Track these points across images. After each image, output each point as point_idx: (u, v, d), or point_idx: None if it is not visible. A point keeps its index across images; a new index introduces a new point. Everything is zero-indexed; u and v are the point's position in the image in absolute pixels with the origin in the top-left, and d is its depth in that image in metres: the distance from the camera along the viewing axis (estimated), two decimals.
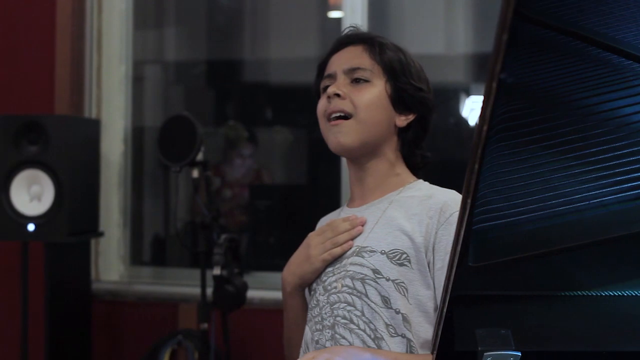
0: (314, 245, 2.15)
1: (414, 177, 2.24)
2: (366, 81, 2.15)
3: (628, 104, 1.32)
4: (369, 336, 1.99)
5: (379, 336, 1.98)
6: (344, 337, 2.02)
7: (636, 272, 1.39)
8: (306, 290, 2.22)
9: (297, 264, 2.19)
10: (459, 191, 2.04)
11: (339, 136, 2.13)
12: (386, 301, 2.00)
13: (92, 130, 4.30)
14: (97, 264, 4.61)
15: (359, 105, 2.13)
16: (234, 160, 4.93)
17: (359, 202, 2.21)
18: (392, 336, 1.98)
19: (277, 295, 2.40)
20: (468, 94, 4.69)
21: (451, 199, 2.06)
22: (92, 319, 4.43)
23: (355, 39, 2.21)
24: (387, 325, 1.99)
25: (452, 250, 1.21)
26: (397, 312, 1.99)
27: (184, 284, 4.44)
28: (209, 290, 3.53)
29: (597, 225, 1.36)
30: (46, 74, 4.49)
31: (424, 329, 1.99)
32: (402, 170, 2.23)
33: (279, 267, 2.23)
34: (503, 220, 1.31)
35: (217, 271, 3.37)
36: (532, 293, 1.37)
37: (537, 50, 1.23)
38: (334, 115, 2.13)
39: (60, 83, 4.49)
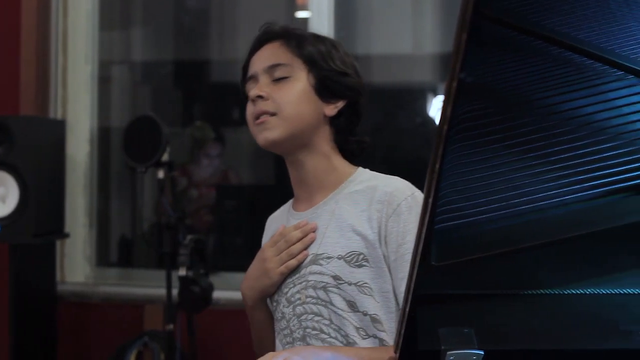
0: (270, 258, 2.11)
1: (352, 167, 2.18)
2: (287, 77, 2.11)
3: (589, 103, 1.32)
4: (341, 342, 1.98)
5: (351, 341, 1.97)
6: (295, 347, 2.01)
7: (597, 270, 1.39)
8: (269, 299, 2.20)
9: (255, 278, 2.15)
10: (419, 184, 2.02)
11: (265, 132, 2.08)
12: (352, 305, 1.99)
13: (57, 130, 4.28)
14: (62, 265, 4.59)
15: (281, 102, 2.08)
16: (201, 160, 4.92)
17: (306, 204, 2.16)
18: (363, 339, 1.97)
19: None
20: (435, 93, 4.71)
21: (396, 189, 2.03)
22: (57, 321, 4.40)
23: (271, 35, 2.16)
24: (357, 328, 1.98)
25: (414, 249, 1.21)
26: (365, 314, 1.98)
27: (150, 285, 4.42)
28: (175, 291, 3.52)
29: (559, 224, 1.36)
30: (11, 75, 4.47)
31: (395, 322, 1.98)
32: (340, 162, 2.17)
33: (246, 268, 2.21)
34: (465, 220, 1.31)
35: (182, 272, 3.36)
36: (495, 292, 1.37)
37: (499, 49, 1.23)
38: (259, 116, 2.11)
39: (26, 83, 4.46)
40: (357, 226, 2.02)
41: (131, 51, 5.29)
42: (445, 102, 1.04)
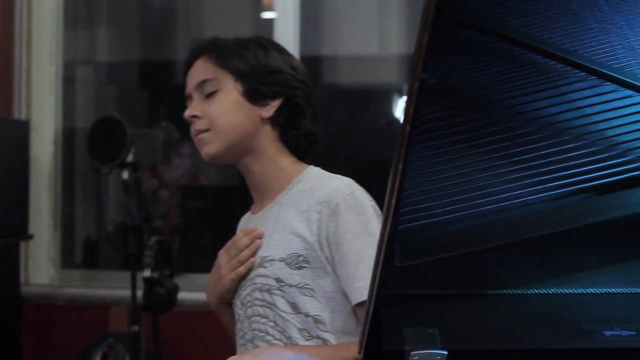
0: (223, 265, 2.12)
1: (302, 166, 2.16)
2: (216, 91, 2.09)
3: (552, 104, 1.33)
4: (285, 344, 1.99)
5: (294, 343, 1.97)
6: (258, 347, 2.02)
7: (560, 270, 1.40)
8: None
9: (213, 284, 2.17)
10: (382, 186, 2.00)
11: (204, 148, 2.10)
12: (294, 307, 1.99)
13: (21, 131, 4.25)
14: (26, 266, 4.56)
15: (212, 117, 2.08)
16: (173, 160, 4.90)
17: (259, 207, 2.17)
18: (307, 340, 1.98)
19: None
20: (401, 94, 4.72)
21: (335, 188, 2.01)
22: (21, 323, 4.37)
23: (196, 52, 2.15)
24: (300, 330, 1.98)
25: (377, 250, 1.21)
26: (307, 316, 1.98)
27: (115, 287, 4.40)
28: (140, 293, 3.51)
29: (522, 224, 1.37)
30: None
31: (342, 322, 1.99)
32: (287, 162, 2.15)
33: (211, 269, 2.21)
34: (430, 220, 1.32)
35: (147, 273, 3.35)
36: (459, 292, 1.38)
37: (461, 50, 1.23)
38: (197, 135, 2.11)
39: None
40: (298, 228, 2.02)
41: (96, 51, 5.26)
42: (407, 103, 1.05)
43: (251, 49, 2.12)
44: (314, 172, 2.14)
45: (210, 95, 2.09)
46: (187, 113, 2.11)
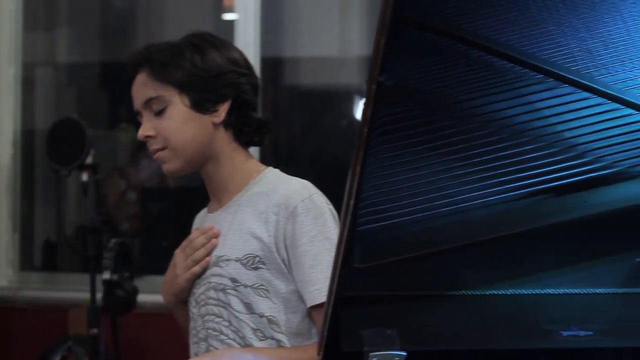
0: (178, 264, 2.11)
1: (260, 167, 2.15)
2: (164, 108, 2.06)
3: (510, 105, 1.34)
4: (239, 344, 1.99)
5: (249, 343, 1.98)
6: (217, 349, 2.01)
7: (518, 271, 1.41)
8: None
9: (169, 283, 2.16)
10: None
11: (164, 165, 2.09)
12: (249, 307, 1.99)
13: None
14: None
15: (165, 136, 2.05)
16: (141, 162, 4.88)
17: (216, 206, 2.16)
18: (260, 340, 1.98)
19: None
20: (362, 95, 4.72)
21: (293, 191, 2.02)
22: None
23: (135, 67, 2.11)
24: (254, 330, 1.98)
25: (336, 251, 1.21)
26: (262, 316, 1.98)
27: (75, 289, 4.37)
28: (99, 295, 3.49)
29: (481, 225, 1.38)
30: None
31: (296, 323, 1.99)
32: (245, 162, 2.14)
33: None
34: (389, 221, 1.32)
35: (106, 275, 3.34)
36: (419, 293, 1.38)
37: (419, 52, 1.24)
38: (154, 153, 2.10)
39: None
40: (255, 229, 2.01)
41: (56, 53, 5.23)
42: (365, 105, 1.05)
43: (187, 55, 2.07)
44: (272, 174, 2.13)
45: (159, 113, 2.06)
46: (141, 133, 2.08)
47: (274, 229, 1.99)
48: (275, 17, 4.71)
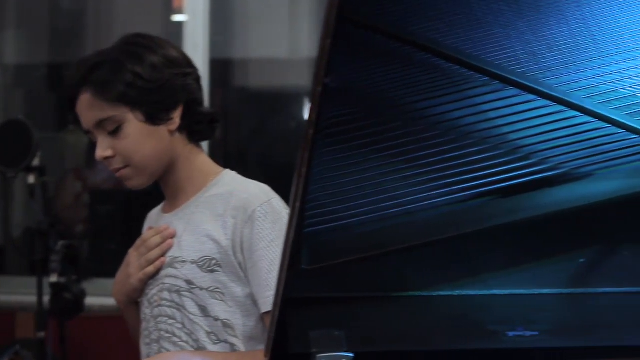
0: (132, 264, 2.09)
1: (217, 168, 2.13)
2: (118, 127, 2.00)
3: (456, 107, 1.35)
4: (192, 347, 1.97)
5: (202, 346, 1.96)
6: (165, 352, 2.00)
7: (465, 272, 1.42)
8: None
9: (121, 283, 2.13)
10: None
11: (128, 182, 2.05)
12: (204, 310, 1.98)
13: None
14: None
15: (125, 155, 2.01)
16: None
17: (171, 206, 2.13)
18: (214, 344, 1.97)
19: None
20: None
21: (252, 195, 2.01)
22: None
23: (77, 88, 2.03)
24: (208, 333, 1.97)
25: (282, 253, 1.21)
26: (216, 320, 1.97)
27: (22, 292, 4.33)
28: (47, 299, 3.46)
29: (428, 226, 1.38)
30: None
31: (251, 327, 1.98)
32: (202, 162, 2.12)
33: None
34: (337, 223, 1.32)
35: (54, 279, 3.31)
36: (368, 294, 1.39)
37: (366, 54, 1.24)
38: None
39: None
40: (212, 231, 2.00)
41: (3, 54, 5.18)
42: (311, 107, 1.05)
43: (128, 67, 2.00)
44: (230, 176, 2.12)
45: (113, 132, 2.01)
46: (99, 155, 2.03)
47: (231, 233, 1.98)
48: (224, 19, 4.70)
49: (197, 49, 4.21)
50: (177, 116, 2.04)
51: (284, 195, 2.02)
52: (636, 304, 1.44)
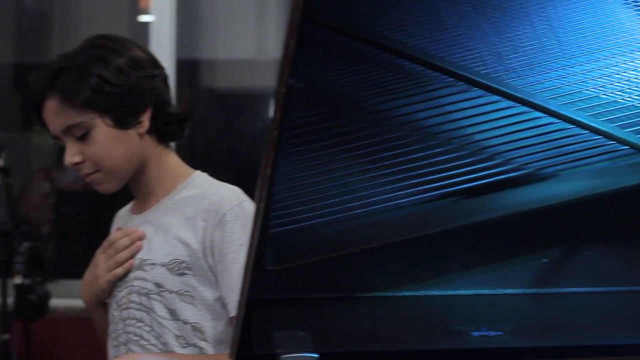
0: (100, 265, 2.07)
1: (188, 170, 2.12)
2: (86, 132, 1.98)
3: (422, 108, 1.35)
4: (160, 350, 1.96)
5: (170, 349, 1.95)
6: (129, 354, 1.99)
7: (430, 272, 1.42)
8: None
9: (89, 284, 2.12)
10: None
11: (99, 187, 2.04)
12: (173, 313, 1.97)
13: None
14: None
15: (95, 160, 1.99)
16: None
17: (141, 207, 2.12)
18: (183, 347, 1.96)
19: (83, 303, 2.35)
20: None
21: (223, 197, 2.00)
22: None
23: (42, 93, 2.00)
24: (177, 337, 1.96)
25: (247, 254, 1.21)
26: (186, 323, 1.96)
27: None
28: (11, 300, 3.45)
29: (393, 227, 1.38)
30: None
31: (220, 331, 1.97)
32: (172, 164, 2.11)
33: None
34: (302, 224, 1.32)
35: (18, 280, 3.30)
36: (333, 295, 1.39)
37: (331, 55, 1.24)
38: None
39: None
40: (182, 234, 1.98)
41: None
42: (275, 108, 1.05)
43: (93, 71, 1.97)
44: (201, 178, 2.10)
45: (82, 137, 1.99)
46: (68, 161, 2.01)
47: (201, 235, 1.97)
48: (191, 19, 4.69)
49: (163, 49, 4.20)
50: (146, 119, 2.02)
51: (251, 195, 2.01)
52: (600, 303, 1.45)
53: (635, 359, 1.40)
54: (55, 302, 3.54)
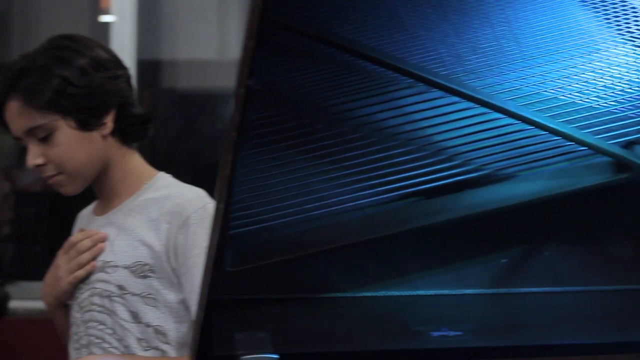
0: (62, 267, 2.05)
1: (152, 171, 2.11)
2: (49, 134, 1.96)
3: (381, 109, 1.36)
4: (122, 353, 1.96)
5: (132, 352, 1.94)
6: (88, 355, 1.98)
7: (390, 272, 1.43)
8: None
9: (50, 285, 2.10)
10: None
11: (62, 189, 2.02)
12: (135, 316, 1.96)
13: None
14: None
15: (58, 162, 1.98)
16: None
17: (104, 208, 2.11)
18: (145, 350, 1.95)
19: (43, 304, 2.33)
20: None
21: (187, 200, 1.99)
22: None
23: (4, 95, 1.98)
24: (139, 340, 1.95)
25: (206, 255, 1.21)
26: (148, 326, 1.95)
27: None
28: None
29: (353, 227, 1.39)
30: None
31: (183, 334, 1.97)
32: (136, 166, 2.10)
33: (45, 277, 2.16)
34: (262, 224, 1.32)
35: None
36: (293, 296, 1.39)
37: (291, 56, 1.24)
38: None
39: None
40: (145, 236, 1.97)
41: None
42: (234, 109, 1.05)
43: (56, 72, 1.95)
44: (165, 180, 2.09)
45: (45, 139, 1.97)
46: (30, 163, 1.99)
47: (165, 238, 1.96)
48: (152, 20, 4.67)
49: (124, 50, 4.18)
50: (109, 120, 2.01)
51: (213, 196, 2.01)
52: (558, 303, 1.46)
53: (592, 358, 1.41)
54: (15, 304, 3.52)
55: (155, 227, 1.97)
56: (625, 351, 1.42)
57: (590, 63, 1.42)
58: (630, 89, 1.43)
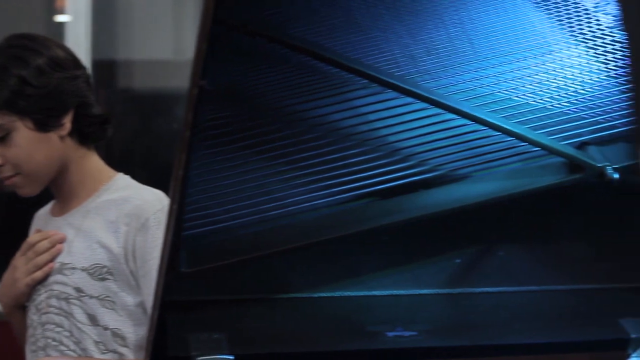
0: (19, 268, 2.01)
1: (110, 172, 2.07)
2: (6, 134, 1.93)
3: (336, 110, 1.36)
4: (79, 356, 1.94)
5: (89, 355, 1.93)
6: (51, 357, 1.96)
7: (346, 273, 1.43)
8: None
9: (7, 286, 2.06)
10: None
11: (20, 190, 1.99)
12: (93, 319, 1.94)
13: None
14: None
15: (15, 163, 1.94)
16: None
17: (62, 209, 2.07)
18: (102, 353, 1.93)
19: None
20: None
21: (146, 202, 1.96)
22: None
23: None
24: (96, 343, 1.94)
25: (160, 256, 1.20)
26: (106, 329, 1.94)
27: None
28: None
29: (309, 228, 1.39)
30: None
31: (141, 336, 1.95)
32: (94, 167, 2.06)
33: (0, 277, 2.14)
34: (217, 225, 1.32)
35: None
36: (249, 297, 1.39)
37: (246, 57, 1.24)
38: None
39: None
40: (103, 238, 1.95)
41: None
42: (187, 110, 1.05)
43: (13, 72, 1.93)
44: (124, 181, 2.06)
45: (2, 140, 1.93)
46: None
47: (123, 240, 1.93)
48: (107, 19, 4.64)
49: (79, 49, 4.15)
50: (68, 121, 1.97)
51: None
52: (512, 303, 1.47)
53: (546, 358, 1.42)
54: None
55: (113, 229, 1.95)
56: (580, 350, 1.43)
57: (543, 64, 1.43)
58: (583, 90, 1.44)
